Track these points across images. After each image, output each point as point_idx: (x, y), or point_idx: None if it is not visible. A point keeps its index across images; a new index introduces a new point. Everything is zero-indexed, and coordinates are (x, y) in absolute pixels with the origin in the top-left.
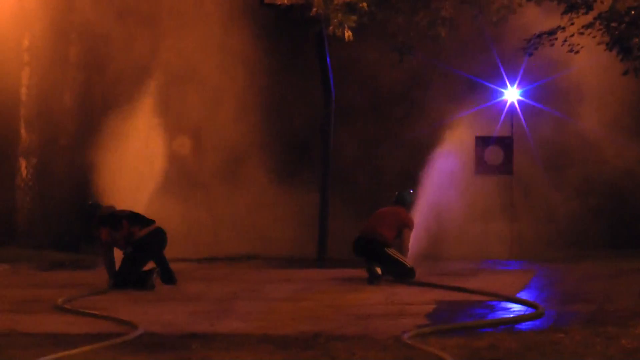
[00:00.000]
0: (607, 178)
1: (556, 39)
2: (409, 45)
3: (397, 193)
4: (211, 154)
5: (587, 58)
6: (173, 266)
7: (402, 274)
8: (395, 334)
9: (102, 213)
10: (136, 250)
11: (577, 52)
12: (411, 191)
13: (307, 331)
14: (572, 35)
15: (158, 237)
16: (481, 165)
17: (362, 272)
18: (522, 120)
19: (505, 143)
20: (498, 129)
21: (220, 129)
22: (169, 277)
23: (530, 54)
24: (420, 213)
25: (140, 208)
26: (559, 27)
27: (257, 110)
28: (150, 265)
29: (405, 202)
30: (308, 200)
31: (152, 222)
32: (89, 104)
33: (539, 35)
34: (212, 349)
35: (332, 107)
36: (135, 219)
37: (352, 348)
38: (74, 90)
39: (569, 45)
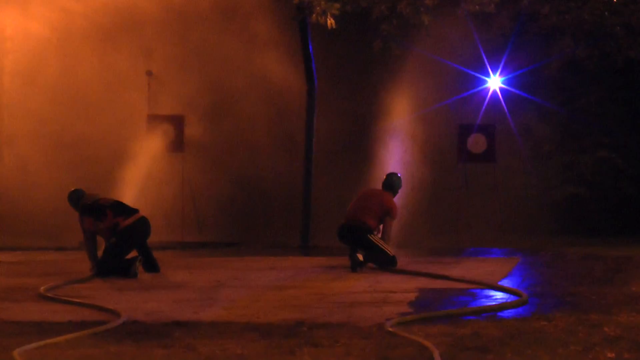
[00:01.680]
0: (587, 166)
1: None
2: (392, 34)
3: (386, 176)
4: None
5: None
6: (156, 254)
7: (384, 262)
8: (378, 321)
9: (85, 202)
10: (120, 239)
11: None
12: (399, 175)
13: (290, 319)
14: None
15: (142, 226)
16: (464, 153)
17: (345, 260)
18: (505, 108)
19: (488, 131)
20: (481, 117)
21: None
22: (152, 265)
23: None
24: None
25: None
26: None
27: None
28: (132, 253)
29: (394, 187)
30: (293, 187)
31: (136, 211)
32: None
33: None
34: (195, 337)
35: (315, 95)
36: (119, 208)
37: (335, 336)
38: None
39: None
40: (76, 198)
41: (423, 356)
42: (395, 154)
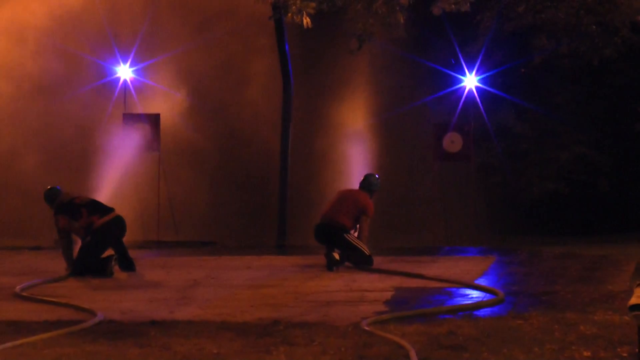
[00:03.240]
0: (564, 163)
1: None
2: (369, 32)
3: (364, 176)
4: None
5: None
6: (132, 253)
7: (360, 261)
8: (354, 320)
9: (61, 200)
10: (95, 238)
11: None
12: (377, 176)
13: (266, 318)
14: None
15: (117, 225)
16: (440, 152)
17: (322, 259)
18: (481, 107)
19: (463, 130)
20: (457, 116)
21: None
22: (128, 264)
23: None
24: (381, 199)
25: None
26: None
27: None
28: (108, 252)
29: (370, 187)
30: (269, 187)
31: (111, 210)
32: None
33: None
34: (171, 336)
35: (292, 97)
36: (94, 207)
37: (311, 335)
38: None
39: None
40: (52, 196)
41: (399, 355)
42: (371, 153)
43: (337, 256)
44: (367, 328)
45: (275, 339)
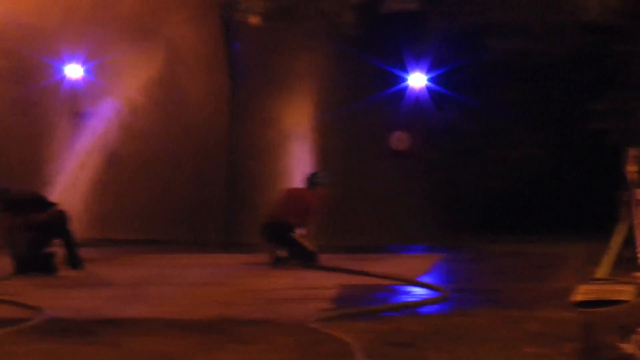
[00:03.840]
0: (511, 162)
1: None
2: (317, 32)
3: (310, 174)
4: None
5: None
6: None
7: (306, 258)
8: (301, 318)
9: (2, 197)
10: (37, 234)
11: None
12: (324, 174)
13: (215, 316)
14: None
15: (59, 220)
16: (387, 150)
17: (268, 257)
18: (429, 105)
19: (411, 128)
20: (405, 115)
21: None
22: (75, 261)
23: None
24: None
25: None
26: None
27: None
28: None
29: (317, 185)
30: (217, 186)
31: (53, 204)
32: None
33: None
34: (119, 334)
35: (238, 94)
36: (36, 202)
37: (260, 332)
38: None
39: None
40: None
41: (346, 352)
42: (319, 151)
43: (284, 254)
44: (313, 325)
45: (223, 336)
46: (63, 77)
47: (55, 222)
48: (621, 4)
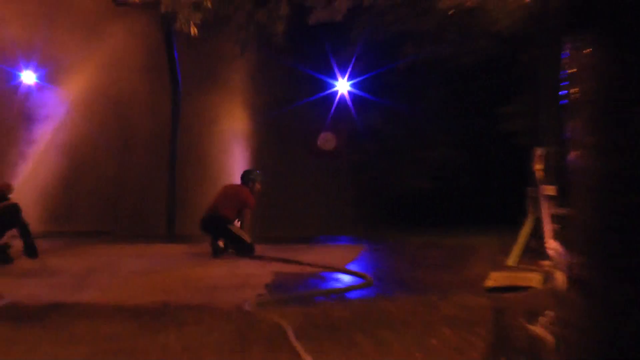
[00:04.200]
0: (428, 162)
1: None
2: (250, 41)
3: (243, 172)
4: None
5: None
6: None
7: (243, 249)
8: (237, 303)
9: None
10: None
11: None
12: (258, 171)
13: (158, 301)
14: None
15: (13, 212)
16: (315, 151)
17: (207, 247)
18: (353, 109)
19: (337, 130)
20: (331, 118)
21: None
22: (31, 251)
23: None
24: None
25: None
26: None
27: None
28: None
29: (249, 182)
30: (160, 182)
31: (6, 198)
32: None
33: None
34: (70, 318)
35: (179, 98)
36: None
37: (199, 316)
38: None
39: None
40: None
41: (278, 334)
42: (254, 151)
43: (221, 244)
44: (249, 310)
45: (165, 319)
46: (19, 83)
47: (8, 215)
48: (527, 16)
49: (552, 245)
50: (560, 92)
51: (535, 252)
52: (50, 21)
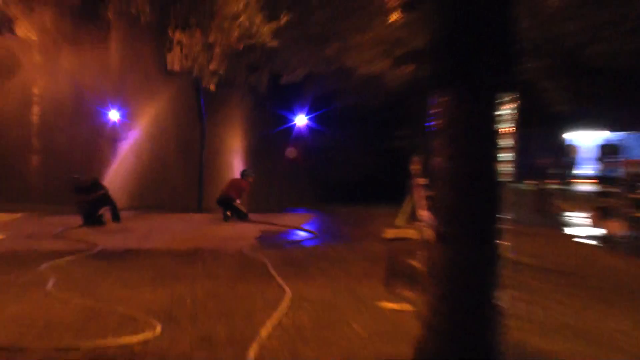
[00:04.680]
0: (351, 164)
1: None
2: (245, 92)
3: (243, 170)
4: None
5: None
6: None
7: (241, 217)
8: (238, 248)
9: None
10: (94, 202)
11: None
12: (250, 170)
13: (191, 247)
14: None
15: (106, 195)
16: (286, 157)
17: (221, 216)
18: (306, 134)
19: (297, 146)
20: (294, 139)
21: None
22: (116, 217)
23: None
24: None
25: None
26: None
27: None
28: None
29: (245, 176)
30: (192, 175)
31: (102, 186)
32: None
33: None
34: (140, 257)
35: (205, 128)
36: (92, 185)
37: (214, 256)
38: None
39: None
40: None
41: (262, 267)
42: (247, 158)
43: (229, 214)
44: (245, 252)
45: (195, 258)
46: (108, 119)
47: (102, 199)
48: (410, 79)
49: (424, 214)
50: (428, 124)
51: (412, 217)
52: (127, 79)
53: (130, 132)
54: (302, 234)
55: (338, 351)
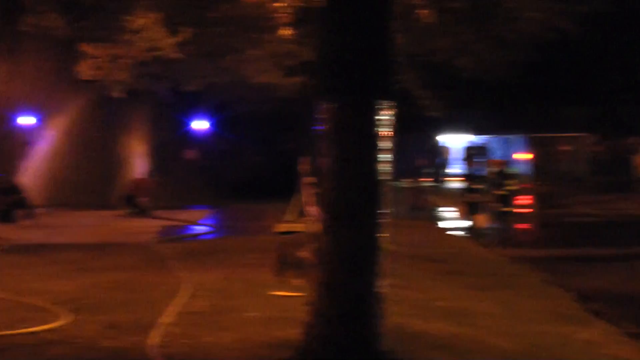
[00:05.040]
0: (246, 165)
1: None
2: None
3: (149, 170)
4: None
5: None
6: None
7: (145, 213)
8: (142, 241)
9: None
10: (8, 201)
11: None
12: (154, 170)
13: (99, 241)
14: None
15: (22, 196)
16: (185, 158)
17: (127, 212)
18: (206, 137)
19: (197, 148)
20: (195, 142)
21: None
22: (30, 215)
23: None
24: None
25: None
26: None
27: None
28: None
29: (149, 176)
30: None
31: (19, 189)
32: None
33: None
34: (53, 251)
35: (113, 129)
36: (9, 186)
37: (121, 249)
38: None
39: None
40: None
41: (164, 258)
42: (151, 160)
43: (134, 210)
44: (149, 245)
45: (104, 251)
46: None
47: (18, 197)
48: (298, 88)
49: (312, 209)
50: (315, 128)
51: (302, 213)
52: (40, 87)
53: (44, 136)
54: (202, 228)
55: (234, 336)
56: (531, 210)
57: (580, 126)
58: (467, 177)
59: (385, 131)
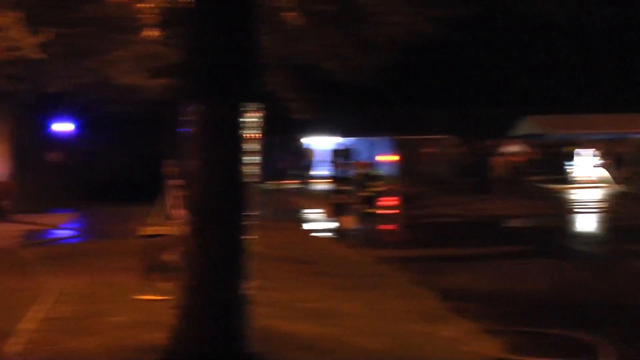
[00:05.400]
0: (115, 166)
1: None
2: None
3: (5, 173)
4: None
5: None
6: None
7: (4, 216)
8: (1, 247)
9: None
10: None
11: None
12: (12, 171)
13: None
14: None
15: None
16: (50, 161)
17: None
18: (73, 139)
19: (63, 150)
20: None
21: None
22: None
23: None
24: None
25: None
26: None
27: None
28: None
29: (7, 178)
30: None
31: None
32: None
33: None
34: None
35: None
36: None
37: None
38: None
39: None
40: None
41: (30, 261)
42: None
43: None
44: (15, 250)
45: None
46: None
47: None
48: (167, 90)
49: (178, 212)
50: (181, 130)
51: (166, 217)
52: None
53: None
54: (65, 232)
55: (99, 341)
56: (396, 211)
57: (443, 129)
58: (333, 179)
59: (252, 133)
